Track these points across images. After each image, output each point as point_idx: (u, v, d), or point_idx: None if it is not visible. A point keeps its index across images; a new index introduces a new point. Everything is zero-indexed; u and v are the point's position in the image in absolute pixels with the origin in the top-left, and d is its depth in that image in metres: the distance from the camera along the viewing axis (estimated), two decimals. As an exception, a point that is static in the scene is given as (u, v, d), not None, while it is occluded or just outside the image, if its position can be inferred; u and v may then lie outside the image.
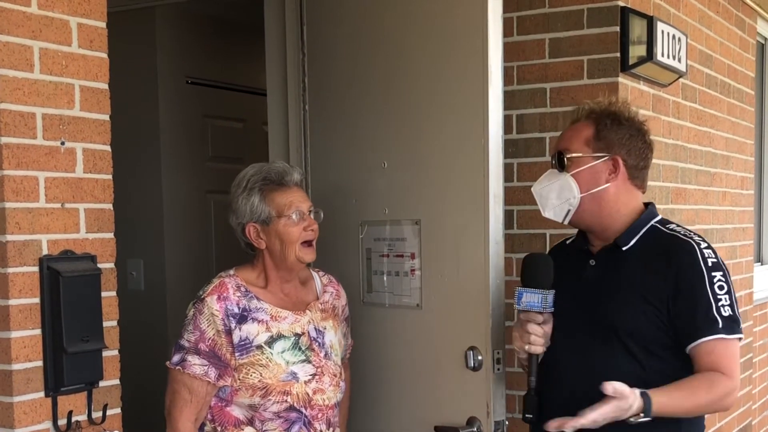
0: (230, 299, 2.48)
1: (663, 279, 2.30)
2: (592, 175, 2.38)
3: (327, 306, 2.68)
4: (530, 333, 2.40)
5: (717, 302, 2.26)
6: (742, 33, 4.68)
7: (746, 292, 4.82)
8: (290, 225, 2.53)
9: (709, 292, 2.27)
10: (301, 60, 3.19)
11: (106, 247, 2.30)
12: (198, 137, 4.33)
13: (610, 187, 2.38)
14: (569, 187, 2.39)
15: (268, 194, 2.55)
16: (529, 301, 2.38)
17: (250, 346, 2.47)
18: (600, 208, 2.40)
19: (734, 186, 4.63)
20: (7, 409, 2.09)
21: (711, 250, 2.34)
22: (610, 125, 2.39)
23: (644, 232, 2.40)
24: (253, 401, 2.48)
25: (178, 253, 4.23)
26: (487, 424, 2.69)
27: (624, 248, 2.39)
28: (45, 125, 2.14)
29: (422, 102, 2.85)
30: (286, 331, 2.53)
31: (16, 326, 2.09)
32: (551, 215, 2.45)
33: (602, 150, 2.38)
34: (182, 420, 2.48)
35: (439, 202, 2.82)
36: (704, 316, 2.25)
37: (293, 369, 2.50)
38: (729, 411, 4.41)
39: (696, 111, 4.00)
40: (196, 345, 2.46)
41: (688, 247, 2.32)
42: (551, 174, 2.44)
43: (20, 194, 2.09)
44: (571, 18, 3.20)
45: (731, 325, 2.26)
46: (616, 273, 2.38)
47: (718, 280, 2.28)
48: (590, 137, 2.39)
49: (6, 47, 2.05)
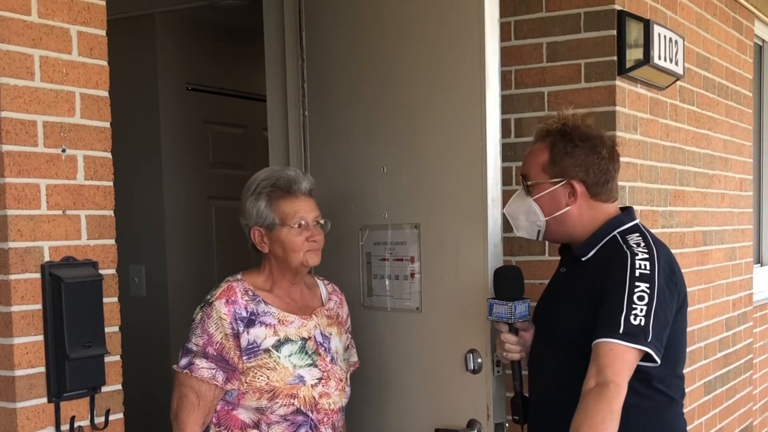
0: (238, 303, 2.50)
1: (599, 286, 2.29)
2: (552, 199, 2.41)
3: (332, 313, 2.71)
4: (504, 341, 2.51)
5: (630, 310, 2.20)
6: (740, 35, 4.69)
7: (746, 294, 4.83)
8: (293, 234, 2.55)
9: (625, 299, 2.22)
10: (301, 65, 3.21)
11: (108, 254, 2.31)
12: (199, 143, 4.34)
13: (572, 209, 2.41)
14: (534, 212, 2.44)
15: (275, 201, 2.56)
16: (498, 312, 2.50)
17: (258, 350, 2.48)
18: (566, 228, 2.44)
19: (733, 188, 4.64)
20: (10, 415, 2.10)
21: (648, 263, 2.27)
22: (564, 148, 2.39)
23: (604, 243, 2.39)
24: (260, 404, 2.49)
25: (180, 259, 4.24)
26: (488, 426, 2.70)
27: (583, 258, 2.42)
28: (46, 133, 2.15)
29: (421, 106, 2.86)
30: (293, 335, 2.54)
31: (18, 332, 2.10)
32: (524, 234, 2.51)
33: (558, 175, 2.39)
34: (190, 424, 2.48)
35: (438, 206, 2.83)
36: (610, 319, 2.21)
37: (300, 372, 2.52)
38: (730, 411, 4.43)
39: (694, 113, 4.02)
40: (204, 349, 2.47)
41: (621, 255, 2.30)
42: (520, 196, 2.48)
43: (22, 201, 2.10)
44: (568, 22, 3.21)
45: (636, 334, 2.18)
46: (575, 282, 2.43)
47: (641, 291, 2.23)
48: (545, 163, 2.41)
49: (6, 55, 2.07)
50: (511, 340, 2.51)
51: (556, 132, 2.41)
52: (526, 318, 2.51)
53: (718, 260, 4.36)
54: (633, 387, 2.21)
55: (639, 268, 2.26)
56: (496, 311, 2.50)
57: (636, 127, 3.36)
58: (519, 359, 2.54)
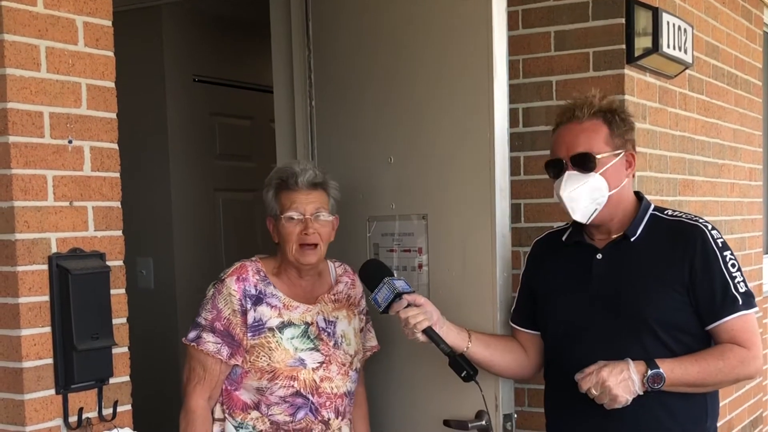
0: (249, 281, 2.58)
1: (680, 265, 2.36)
2: (615, 171, 2.43)
3: (340, 296, 2.73)
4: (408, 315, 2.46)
5: (733, 280, 2.36)
6: (749, 23, 4.66)
7: (755, 284, 4.80)
8: (288, 225, 2.60)
9: (725, 271, 2.35)
10: (307, 56, 3.20)
11: (115, 245, 2.31)
12: (206, 135, 4.33)
13: (627, 181, 2.46)
14: (600, 187, 2.41)
15: (279, 192, 2.64)
16: (384, 297, 2.49)
17: (262, 328, 2.55)
18: (618, 203, 2.45)
19: (742, 177, 4.61)
20: (18, 406, 2.10)
21: (716, 231, 2.42)
22: (618, 121, 2.45)
23: (647, 221, 2.46)
24: (261, 384, 2.55)
25: (187, 251, 4.25)
26: (496, 417, 2.70)
27: (632, 239, 2.43)
28: (52, 124, 2.15)
29: (428, 96, 2.85)
30: (296, 319, 2.60)
31: (26, 324, 2.10)
32: (579, 217, 2.45)
33: (619, 147, 2.44)
34: (195, 396, 2.57)
35: (445, 196, 2.82)
36: (724, 295, 2.34)
37: (301, 355, 2.57)
38: (740, 402, 4.41)
39: (703, 102, 3.99)
40: (212, 323, 2.56)
41: (698, 230, 2.40)
42: (573, 177, 2.42)
43: (29, 193, 2.10)
44: (576, 10, 3.19)
45: (749, 300, 2.37)
46: (629, 264, 2.42)
47: (730, 259, 2.38)
48: (607, 136, 2.43)
49: (12, 46, 2.06)
50: (414, 310, 2.47)
51: (606, 109, 2.46)
52: (410, 289, 2.52)
53: (727, 250, 4.34)
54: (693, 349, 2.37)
55: (718, 239, 2.40)
56: (381, 299, 2.49)
57: (645, 116, 3.34)
58: (428, 326, 2.48)
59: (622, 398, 2.27)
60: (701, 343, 2.39)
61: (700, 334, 2.39)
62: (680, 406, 2.38)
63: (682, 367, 2.31)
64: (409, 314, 2.46)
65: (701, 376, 2.33)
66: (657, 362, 2.30)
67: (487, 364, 2.58)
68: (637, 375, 2.27)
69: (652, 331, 2.36)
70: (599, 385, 2.27)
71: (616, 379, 2.26)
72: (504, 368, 2.63)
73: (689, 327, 2.38)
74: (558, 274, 2.53)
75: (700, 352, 2.36)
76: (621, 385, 2.26)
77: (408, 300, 2.49)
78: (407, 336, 2.50)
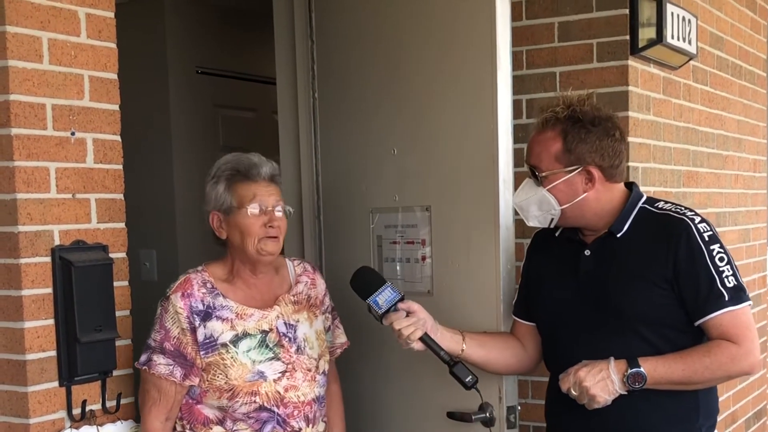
0: (194, 296, 2.39)
1: (664, 260, 2.29)
2: (568, 187, 2.34)
3: (300, 297, 2.57)
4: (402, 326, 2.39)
5: (720, 275, 2.27)
6: (753, 14, 4.65)
7: (759, 276, 4.80)
8: (250, 217, 2.43)
9: (711, 266, 2.27)
10: (310, 47, 3.19)
11: (118, 237, 2.31)
12: (209, 127, 4.33)
13: (589, 194, 2.35)
14: (548, 201, 2.36)
15: (233, 185, 2.46)
16: (386, 300, 2.41)
17: (215, 344, 2.38)
18: (584, 213, 2.38)
19: (747, 169, 4.60)
20: (22, 399, 2.11)
21: (705, 224, 2.33)
22: (577, 135, 2.32)
23: (635, 216, 2.38)
24: (221, 403, 2.39)
25: (191, 243, 4.23)
26: (500, 409, 2.69)
27: (618, 235, 2.38)
28: (55, 116, 2.15)
29: (431, 88, 2.84)
30: (251, 329, 2.43)
31: (29, 316, 2.10)
32: (535, 224, 2.44)
33: (574, 163, 2.33)
34: (150, 419, 2.38)
35: (449, 188, 2.82)
36: (709, 291, 2.26)
37: (260, 368, 2.40)
38: (744, 394, 4.41)
39: (707, 93, 3.98)
40: (161, 344, 2.36)
41: (683, 224, 2.31)
42: (529, 186, 2.40)
43: (31, 185, 2.10)
44: (580, 1, 3.18)
45: (738, 295, 2.27)
46: (615, 260, 2.37)
47: (718, 253, 2.28)
48: (559, 152, 2.33)
49: (15, 38, 2.06)
50: (405, 321, 2.40)
51: (565, 118, 2.33)
52: (402, 296, 2.43)
53: (731, 242, 4.33)
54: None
55: (705, 232, 2.30)
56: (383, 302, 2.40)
57: (649, 108, 3.33)
58: (423, 334, 2.43)
59: (601, 398, 2.25)
60: (692, 339, 2.32)
61: (691, 330, 2.32)
62: (669, 404, 2.33)
63: (665, 365, 2.26)
64: (402, 325, 2.39)
65: (686, 373, 2.27)
66: (639, 361, 2.25)
67: (484, 364, 2.55)
68: (617, 375, 2.24)
69: (635, 328, 2.32)
70: (577, 386, 2.26)
71: (594, 379, 2.24)
72: (503, 365, 2.60)
73: (676, 323, 2.32)
74: (550, 268, 2.51)
75: (687, 350, 2.29)
76: (599, 385, 2.24)
77: (402, 308, 2.42)
78: (402, 346, 2.44)
